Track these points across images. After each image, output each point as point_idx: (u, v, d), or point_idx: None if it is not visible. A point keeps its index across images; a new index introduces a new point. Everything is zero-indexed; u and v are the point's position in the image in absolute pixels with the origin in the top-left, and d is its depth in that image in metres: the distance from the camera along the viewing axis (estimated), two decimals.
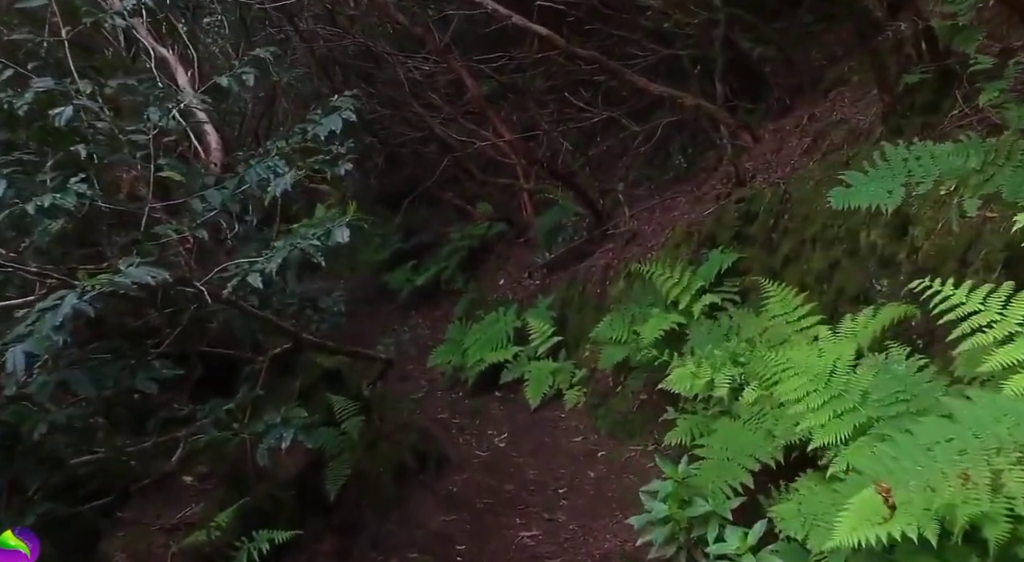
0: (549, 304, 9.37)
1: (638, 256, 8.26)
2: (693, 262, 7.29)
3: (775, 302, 5.68)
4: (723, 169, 8.21)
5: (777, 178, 6.67)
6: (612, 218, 9.80)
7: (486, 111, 9.23)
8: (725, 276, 6.76)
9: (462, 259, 12.55)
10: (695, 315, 6.70)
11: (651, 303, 7.36)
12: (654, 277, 7.18)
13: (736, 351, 5.45)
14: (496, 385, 9.27)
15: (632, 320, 7.46)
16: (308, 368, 5.83)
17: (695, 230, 7.56)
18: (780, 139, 7.63)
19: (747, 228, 6.72)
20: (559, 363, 8.83)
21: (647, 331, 6.73)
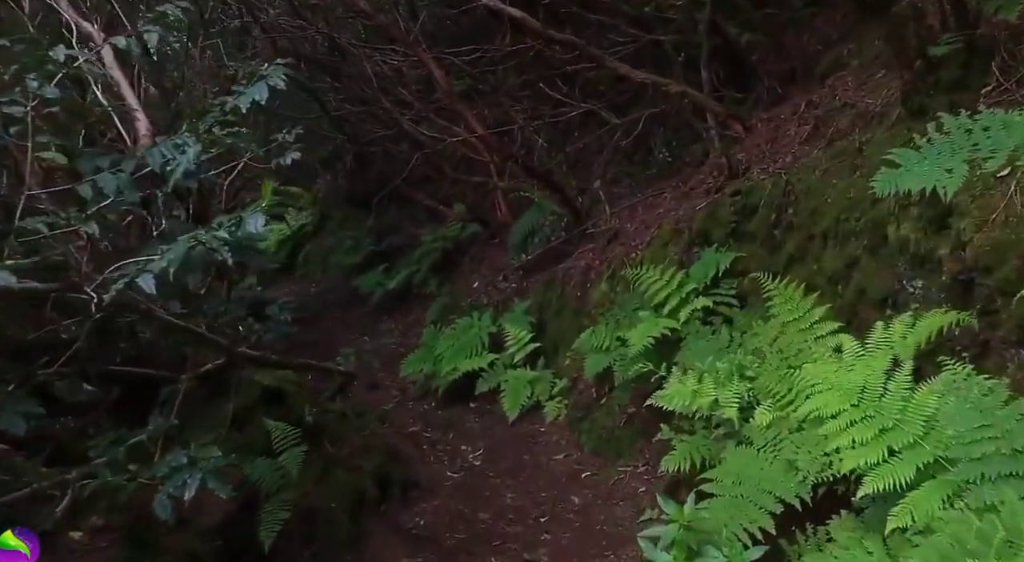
0: (526, 308, 8.40)
1: (621, 256, 7.32)
2: (683, 262, 6.36)
3: (782, 306, 4.76)
4: (712, 162, 7.30)
5: (777, 169, 5.76)
6: (591, 217, 8.85)
7: (456, 105, 8.27)
8: (721, 277, 5.83)
9: (435, 261, 11.54)
10: (686, 320, 5.76)
11: (637, 307, 6.41)
12: (640, 279, 6.24)
13: (743, 363, 4.52)
14: (471, 395, 8.28)
15: (617, 325, 6.51)
16: (245, 388, 4.77)
17: (684, 227, 6.63)
18: (774, 128, 6.72)
19: (745, 224, 5.80)
20: (538, 372, 7.86)
21: (635, 338, 5.78)
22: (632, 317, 6.33)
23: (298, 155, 4.84)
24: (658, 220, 7.42)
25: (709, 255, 5.96)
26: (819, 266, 5.02)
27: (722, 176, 6.66)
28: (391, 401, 9.27)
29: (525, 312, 8.35)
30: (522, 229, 9.06)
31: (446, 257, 11.50)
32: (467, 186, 11.70)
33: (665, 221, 7.15)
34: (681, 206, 7.17)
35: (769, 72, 7.57)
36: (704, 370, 4.73)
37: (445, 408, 8.59)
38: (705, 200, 6.65)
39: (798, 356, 4.37)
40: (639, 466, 5.95)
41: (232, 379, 4.54)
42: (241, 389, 4.64)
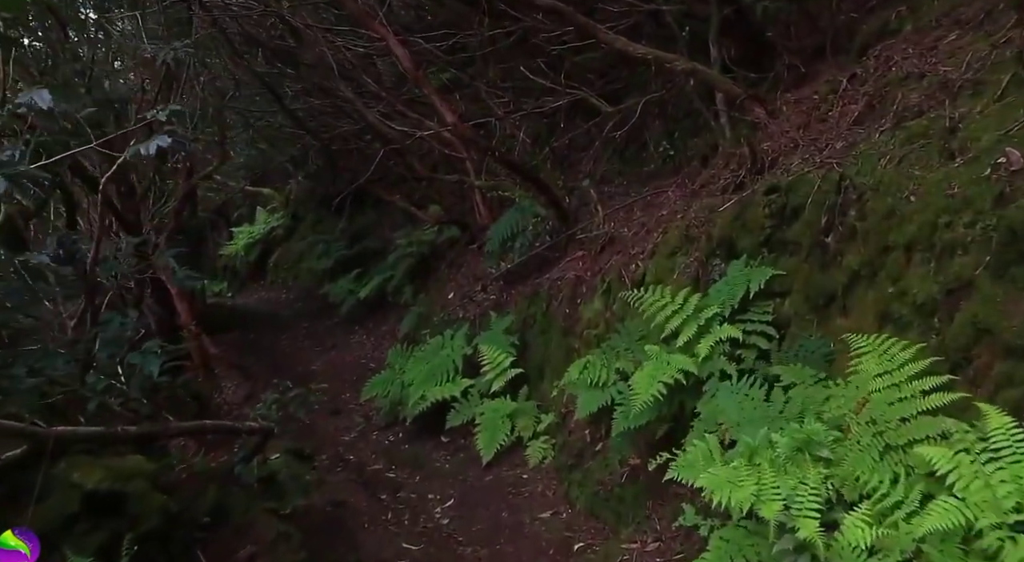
0: (506, 326, 6.73)
1: (618, 267, 5.65)
2: (700, 278, 4.71)
3: (867, 353, 3.11)
4: (726, 153, 5.64)
5: (826, 159, 4.10)
6: (579, 219, 7.19)
7: (424, 86, 6.60)
8: (752, 300, 4.17)
9: (410, 267, 9.86)
10: (707, 356, 4.11)
11: (642, 336, 4.76)
12: (645, 302, 4.59)
13: (814, 437, 2.85)
14: (441, 429, 6.62)
15: (616, 356, 4.86)
16: (58, 492, 2.98)
17: (699, 233, 4.98)
18: (806, 111, 5.06)
19: (784, 230, 4.14)
20: (519, 403, 6.20)
21: (641, 384, 4.13)
22: (635, 349, 4.68)
23: (167, 141, 3.15)
24: (661, 224, 5.76)
25: (736, 271, 4.31)
26: (901, 289, 3.38)
27: (743, 170, 5.00)
28: (354, 429, 7.59)
29: (505, 330, 6.67)
30: (501, 233, 7.38)
31: (422, 263, 9.82)
32: (443, 186, 10.02)
33: (671, 225, 5.49)
34: (690, 207, 5.51)
35: (790, 48, 5.91)
36: (753, 448, 3.06)
37: (413, 441, 6.92)
38: (723, 200, 5.00)
39: (901, 430, 2.72)
40: (647, 541, 4.29)
41: (36, 480, 2.82)
42: (52, 494, 2.90)
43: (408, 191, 10.59)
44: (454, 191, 9.94)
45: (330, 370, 9.40)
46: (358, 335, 10.18)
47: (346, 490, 5.71)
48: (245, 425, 4.16)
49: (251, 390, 8.71)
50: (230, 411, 8.22)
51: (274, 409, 4.43)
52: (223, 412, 8.31)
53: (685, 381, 4.12)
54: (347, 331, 10.37)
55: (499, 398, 6.25)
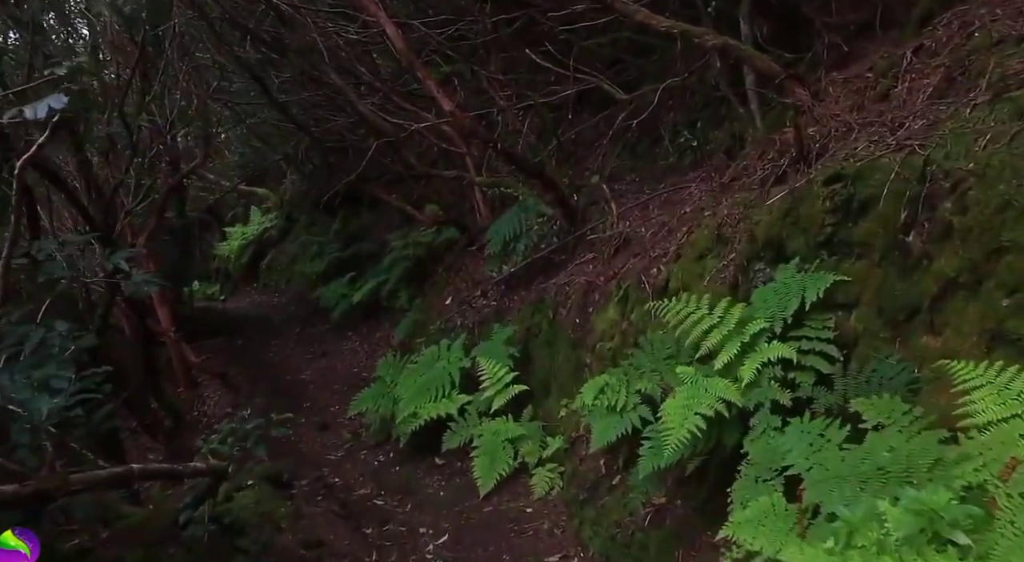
0: (508, 336, 5.85)
1: (638, 271, 4.78)
2: (739, 286, 3.84)
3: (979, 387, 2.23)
4: (760, 141, 4.78)
5: (903, 140, 3.23)
6: (588, 218, 6.32)
7: (418, 70, 5.74)
8: (808, 312, 3.30)
9: (406, 271, 8.98)
10: (752, 381, 3.24)
11: (670, 354, 3.88)
12: (673, 312, 3.71)
13: (943, 513, 1.97)
14: (436, 448, 5.74)
15: (639, 375, 3.98)
16: None
17: (733, 233, 4.11)
18: (858, 91, 4.20)
19: (849, 227, 3.26)
20: (522, 425, 5.32)
21: (672, 416, 3.26)
22: (663, 370, 3.80)
23: (61, 101, 2.29)
24: (685, 223, 4.89)
25: (786, 277, 3.43)
26: (1020, 302, 2.51)
27: (785, 159, 4.13)
28: (342, 447, 6.72)
29: (506, 341, 5.80)
30: (502, 233, 6.50)
31: (418, 266, 8.94)
32: (442, 185, 9.16)
33: (697, 224, 4.62)
34: (720, 203, 4.64)
35: (830, 25, 5.04)
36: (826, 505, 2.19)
37: (405, 463, 6.05)
38: (763, 194, 4.13)
39: None
40: None
41: None
42: None
43: (405, 191, 9.72)
44: (453, 190, 9.08)
45: (320, 379, 8.53)
46: (351, 342, 9.31)
47: (326, 525, 4.84)
48: (189, 467, 3.29)
49: (235, 402, 7.84)
50: (209, 425, 7.34)
51: (230, 443, 3.57)
52: (201, 426, 7.44)
53: (727, 412, 3.25)
54: (339, 337, 9.50)
55: (500, 418, 5.39)
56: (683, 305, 3.63)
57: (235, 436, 3.52)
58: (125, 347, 7.38)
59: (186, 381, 8.27)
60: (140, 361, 6.93)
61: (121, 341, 7.79)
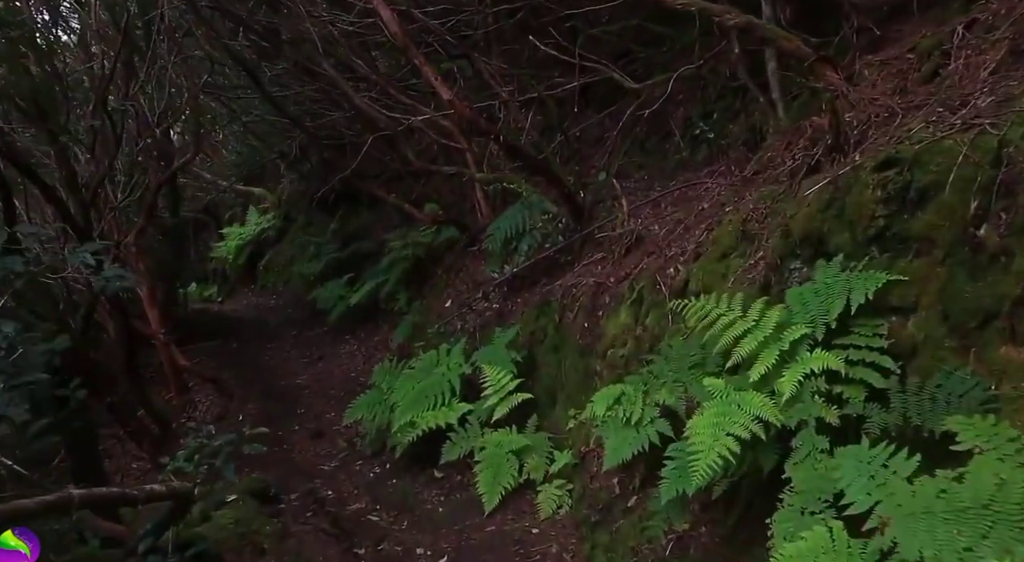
0: (511, 340, 5.38)
1: (653, 271, 4.31)
2: (771, 287, 3.37)
3: None
4: (785, 131, 4.32)
5: (970, 119, 2.76)
6: (595, 217, 5.85)
7: (414, 57, 5.29)
8: (854, 316, 2.83)
9: (404, 271, 8.51)
10: (793, 396, 2.76)
11: (695, 361, 3.41)
12: (697, 313, 3.25)
13: None
14: (435, 460, 5.26)
15: (659, 384, 3.51)
16: None
17: (760, 229, 3.65)
18: (900, 73, 3.74)
19: (905, 220, 2.79)
20: (527, 436, 4.85)
21: (702, 435, 2.79)
22: (686, 381, 3.33)
23: None
24: (704, 219, 4.43)
25: (828, 276, 2.96)
26: None
27: (818, 148, 3.67)
28: (336, 457, 6.24)
29: (509, 346, 5.33)
30: (503, 231, 6.03)
31: (417, 267, 8.47)
32: (441, 182, 8.68)
33: (719, 220, 4.16)
34: (743, 198, 4.19)
35: (860, 7, 4.57)
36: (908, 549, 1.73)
37: (402, 475, 5.57)
38: (793, 186, 3.67)
39: None
40: None
41: None
42: None
43: (404, 189, 9.25)
44: (453, 189, 8.61)
45: (316, 384, 8.05)
46: (348, 345, 8.83)
47: (316, 545, 4.37)
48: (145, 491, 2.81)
49: (226, 407, 7.37)
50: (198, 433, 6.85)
51: (195, 461, 3.11)
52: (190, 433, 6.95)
53: (764, 434, 2.78)
54: (337, 340, 9.02)
55: (503, 429, 4.91)
56: (711, 306, 3.16)
57: (202, 454, 3.05)
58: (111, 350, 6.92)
59: (177, 386, 7.80)
60: (125, 365, 6.45)
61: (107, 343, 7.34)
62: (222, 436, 3.14)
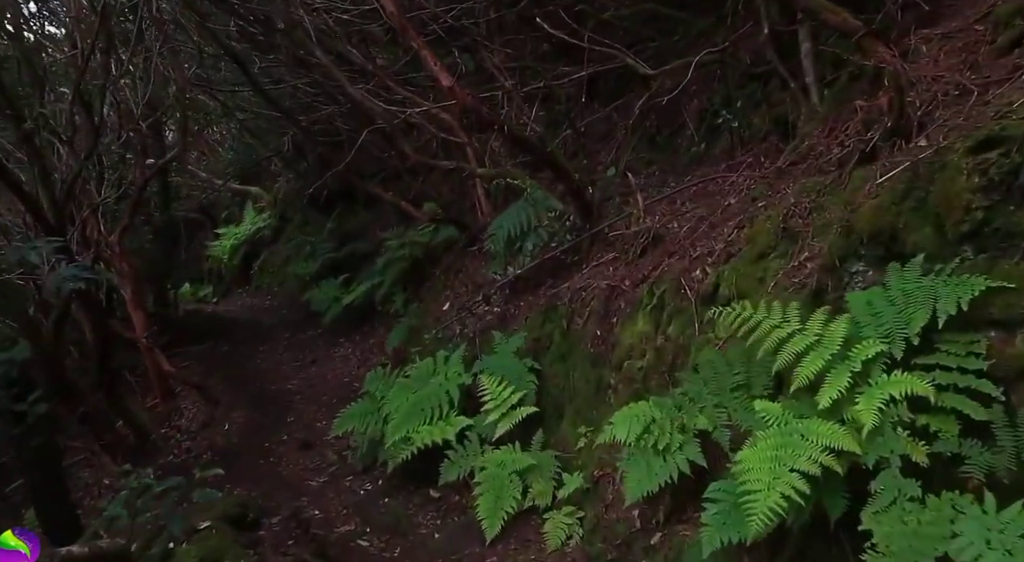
0: (514, 348, 4.75)
1: (676, 274, 3.69)
2: (826, 293, 2.75)
3: None
4: (824, 117, 3.71)
5: None
6: (604, 214, 5.23)
7: (412, 39, 4.68)
8: (942, 330, 2.22)
9: (401, 272, 7.88)
10: (875, 430, 2.15)
11: (739, 381, 2.78)
12: (729, 321, 2.63)
13: None
14: (431, 478, 4.64)
15: (700, 411, 2.88)
16: None
17: (804, 226, 3.04)
18: (964, 48, 3.14)
19: (1009, 211, 2.18)
20: (532, 455, 4.22)
21: (757, 472, 2.19)
22: (731, 405, 2.70)
23: None
24: (731, 216, 3.82)
25: (906, 281, 2.35)
26: None
27: (874, 133, 3.05)
28: (325, 471, 5.61)
29: (513, 355, 4.71)
30: (506, 230, 5.40)
31: (415, 267, 7.83)
32: (440, 180, 8.06)
33: (751, 217, 3.55)
34: (778, 191, 3.57)
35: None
36: None
37: (395, 493, 4.94)
38: (843, 176, 3.07)
39: None
40: None
41: None
42: None
43: (402, 187, 8.61)
44: (453, 187, 7.99)
45: (308, 390, 7.41)
46: (343, 348, 8.19)
47: None
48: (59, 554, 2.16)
49: (210, 416, 6.73)
50: (179, 445, 6.23)
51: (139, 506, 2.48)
52: (171, 444, 6.32)
53: (841, 468, 2.16)
54: (331, 343, 8.38)
55: (506, 447, 4.28)
56: (761, 316, 2.54)
57: (143, 499, 2.42)
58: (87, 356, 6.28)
59: (162, 392, 7.15)
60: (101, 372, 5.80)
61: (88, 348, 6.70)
62: (167, 480, 2.50)
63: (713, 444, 2.86)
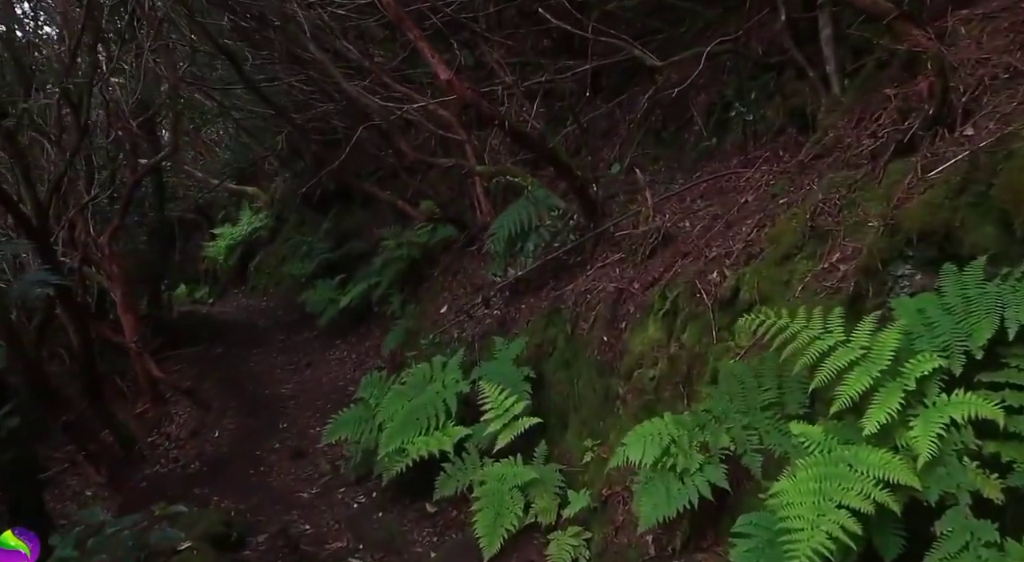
0: (515, 354, 4.41)
1: (691, 276, 3.35)
2: (866, 296, 2.41)
3: None
4: (849, 109, 3.37)
5: None
6: (609, 214, 4.89)
7: (408, 30, 4.33)
8: (1016, 341, 1.88)
9: (398, 273, 7.54)
10: (933, 460, 1.80)
11: (769, 398, 2.43)
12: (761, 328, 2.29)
13: None
14: (427, 491, 4.29)
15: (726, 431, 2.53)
16: None
17: (834, 223, 2.70)
18: (1011, 28, 2.79)
19: None
20: (535, 468, 3.87)
21: (800, 508, 1.84)
22: (763, 426, 2.35)
23: None
24: (749, 214, 3.48)
25: (967, 286, 2.01)
26: None
27: (913, 121, 2.71)
28: (317, 481, 5.26)
29: (514, 361, 4.36)
30: (506, 229, 5.04)
31: (412, 268, 7.49)
32: (439, 179, 7.73)
33: (773, 215, 3.21)
34: (801, 187, 3.23)
35: None
36: None
37: (389, 507, 4.59)
38: (876, 169, 2.73)
39: None
40: None
41: None
42: None
43: (400, 186, 8.27)
44: (451, 185, 7.65)
45: (302, 394, 7.07)
46: (338, 351, 7.85)
47: None
48: None
49: (201, 422, 6.38)
50: (166, 454, 5.87)
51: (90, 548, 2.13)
52: (159, 453, 5.97)
53: (897, 506, 1.82)
54: (326, 346, 8.03)
55: (506, 459, 3.94)
56: (799, 325, 2.20)
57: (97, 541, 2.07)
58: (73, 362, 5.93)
59: (152, 397, 6.80)
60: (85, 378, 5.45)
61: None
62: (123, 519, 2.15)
63: (736, 465, 2.53)
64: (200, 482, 5.23)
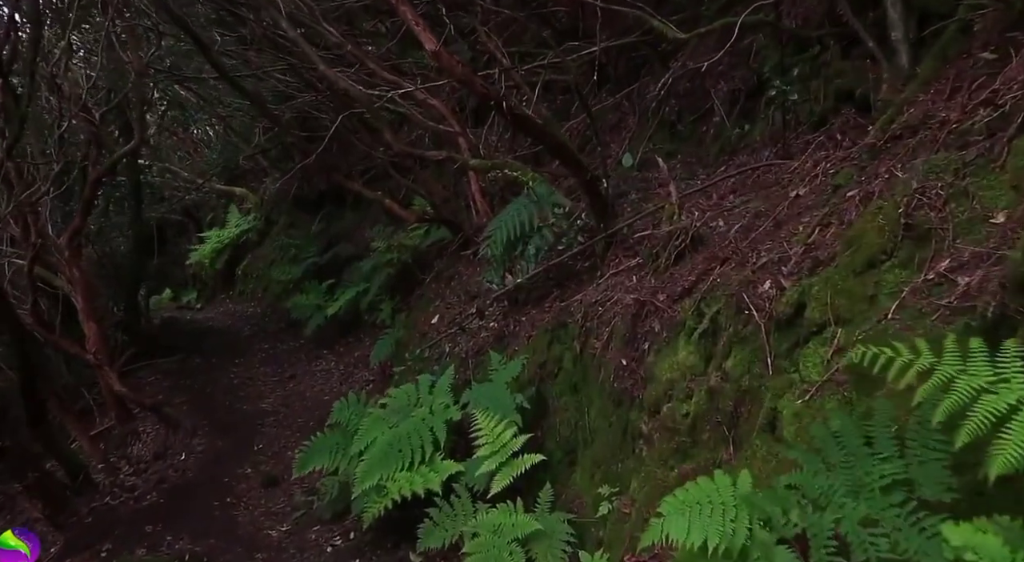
0: (514, 375, 3.64)
1: (733, 288, 2.58)
2: (1012, 321, 1.64)
3: None
4: (929, 82, 2.61)
5: None
6: (619, 213, 4.12)
7: None
8: None
9: (388, 278, 6.79)
10: None
11: (893, 472, 1.63)
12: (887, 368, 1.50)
13: None
14: (411, 534, 3.50)
15: (812, 506, 1.75)
16: None
17: (940, 220, 1.94)
18: None
19: None
20: (539, 517, 3.08)
21: None
22: (890, 517, 1.56)
23: None
24: (806, 210, 2.71)
25: None
26: None
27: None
28: (289, 517, 4.46)
29: (510, 385, 3.59)
30: (505, 231, 4.27)
31: (403, 273, 6.73)
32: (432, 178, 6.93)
33: (843, 209, 2.44)
34: (878, 176, 2.47)
35: None
36: None
37: (368, 553, 3.82)
38: (992, 148, 1.97)
39: None
40: None
41: None
42: None
43: (392, 187, 7.49)
44: (445, 184, 6.86)
45: (283, 410, 6.29)
46: (325, 361, 7.07)
47: None
48: None
49: (166, 443, 5.58)
50: (122, 483, 5.07)
51: None
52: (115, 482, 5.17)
53: None
54: (312, 356, 7.25)
55: (504, 505, 3.16)
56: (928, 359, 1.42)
57: None
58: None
59: (118, 414, 6.01)
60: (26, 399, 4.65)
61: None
62: None
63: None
64: (154, 517, 4.44)
